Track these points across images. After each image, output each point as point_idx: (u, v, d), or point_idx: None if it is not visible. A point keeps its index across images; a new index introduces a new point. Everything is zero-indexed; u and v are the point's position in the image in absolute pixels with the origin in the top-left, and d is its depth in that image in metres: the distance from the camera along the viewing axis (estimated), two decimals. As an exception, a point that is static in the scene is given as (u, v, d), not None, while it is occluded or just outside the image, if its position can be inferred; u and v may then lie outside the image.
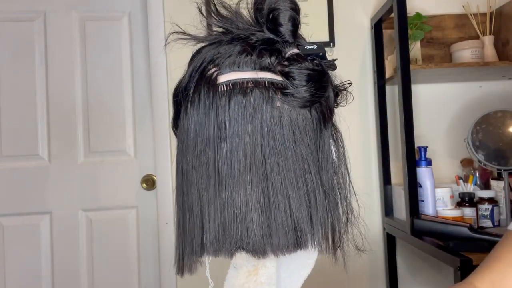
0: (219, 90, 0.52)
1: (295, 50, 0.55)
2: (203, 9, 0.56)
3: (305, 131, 0.53)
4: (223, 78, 0.52)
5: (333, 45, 1.92)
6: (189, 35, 0.57)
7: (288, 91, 0.52)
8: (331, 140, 0.57)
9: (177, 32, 0.56)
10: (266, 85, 0.52)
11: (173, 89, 0.58)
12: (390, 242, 1.85)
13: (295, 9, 0.56)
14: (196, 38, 0.57)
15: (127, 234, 2.00)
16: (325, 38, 1.92)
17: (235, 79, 0.52)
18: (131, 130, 2.02)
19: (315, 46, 0.56)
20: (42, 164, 1.98)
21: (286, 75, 0.53)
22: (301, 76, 0.53)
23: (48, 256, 1.96)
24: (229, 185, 0.52)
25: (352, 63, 1.95)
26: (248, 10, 0.56)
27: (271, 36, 0.55)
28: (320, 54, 0.56)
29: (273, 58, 0.53)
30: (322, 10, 1.93)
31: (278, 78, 0.53)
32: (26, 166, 1.97)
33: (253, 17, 0.56)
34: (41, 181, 1.97)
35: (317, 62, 0.56)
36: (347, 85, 0.60)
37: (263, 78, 0.52)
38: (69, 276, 1.97)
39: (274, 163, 0.52)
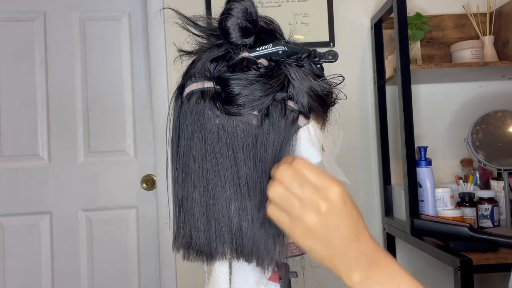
0: (183, 99, 0.59)
1: (243, 55, 0.55)
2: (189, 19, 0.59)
3: (242, 139, 0.54)
4: (186, 89, 0.58)
5: (333, 45, 1.92)
6: (187, 51, 0.60)
7: (225, 99, 0.54)
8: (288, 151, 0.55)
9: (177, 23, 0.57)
10: (210, 94, 0.55)
11: (173, 89, 0.61)
12: (390, 242, 1.85)
13: (245, 10, 0.55)
14: (190, 52, 0.60)
15: (127, 234, 2.00)
16: (325, 38, 1.92)
17: (191, 90, 0.57)
18: (131, 130, 2.02)
19: (269, 46, 0.55)
20: (42, 164, 1.98)
21: (224, 83, 0.54)
22: (238, 85, 0.53)
23: (48, 256, 1.96)
24: (183, 183, 0.57)
25: (352, 63, 1.95)
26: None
27: (224, 42, 0.57)
28: (280, 52, 0.55)
29: (218, 67, 0.55)
30: (322, 10, 1.93)
31: (218, 87, 0.55)
32: (26, 166, 1.97)
33: (217, 26, 0.57)
34: (41, 181, 1.97)
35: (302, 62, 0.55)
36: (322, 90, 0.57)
37: (208, 88, 0.55)
38: (69, 276, 1.97)
39: (209, 166, 0.54)
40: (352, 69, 1.94)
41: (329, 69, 0.60)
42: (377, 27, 1.87)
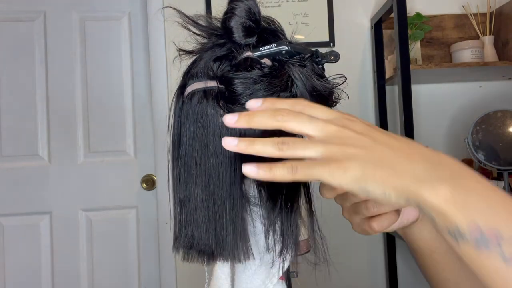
0: (184, 98, 0.58)
1: (247, 54, 0.55)
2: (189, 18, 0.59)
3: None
4: (188, 89, 0.58)
5: (333, 45, 1.92)
6: (187, 51, 0.60)
7: (228, 98, 0.54)
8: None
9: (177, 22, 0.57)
10: (213, 94, 0.55)
11: (173, 89, 0.61)
12: (390, 242, 1.85)
13: (249, 10, 0.55)
14: (191, 52, 0.60)
15: (127, 234, 2.00)
16: (325, 38, 1.92)
17: (194, 89, 0.56)
18: (131, 130, 2.02)
19: (273, 45, 0.55)
20: (42, 164, 1.98)
21: (228, 82, 0.54)
22: (242, 84, 0.53)
23: (48, 256, 1.96)
24: (185, 183, 0.57)
25: (352, 63, 1.95)
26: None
27: (227, 41, 0.56)
28: (283, 52, 0.55)
29: (221, 66, 0.55)
30: (322, 10, 1.93)
31: (221, 86, 0.54)
32: (26, 166, 1.97)
33: (220, 25, 0.57)
34: (41, 181, 1.97)
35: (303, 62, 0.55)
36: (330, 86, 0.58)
37: (211, 87, 0.55)
38: (69, 276, 1.97)
39: (211, 166, 0.54)
40: (352, 69, 1.94)
41: (329, 69, 0.60)
42: (377, 27, 1.87)
